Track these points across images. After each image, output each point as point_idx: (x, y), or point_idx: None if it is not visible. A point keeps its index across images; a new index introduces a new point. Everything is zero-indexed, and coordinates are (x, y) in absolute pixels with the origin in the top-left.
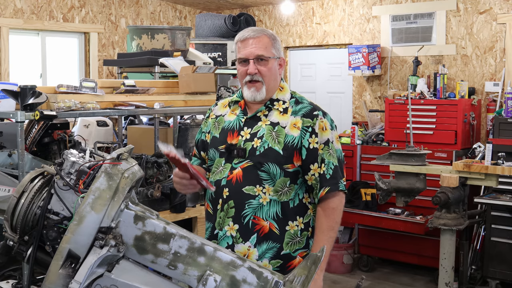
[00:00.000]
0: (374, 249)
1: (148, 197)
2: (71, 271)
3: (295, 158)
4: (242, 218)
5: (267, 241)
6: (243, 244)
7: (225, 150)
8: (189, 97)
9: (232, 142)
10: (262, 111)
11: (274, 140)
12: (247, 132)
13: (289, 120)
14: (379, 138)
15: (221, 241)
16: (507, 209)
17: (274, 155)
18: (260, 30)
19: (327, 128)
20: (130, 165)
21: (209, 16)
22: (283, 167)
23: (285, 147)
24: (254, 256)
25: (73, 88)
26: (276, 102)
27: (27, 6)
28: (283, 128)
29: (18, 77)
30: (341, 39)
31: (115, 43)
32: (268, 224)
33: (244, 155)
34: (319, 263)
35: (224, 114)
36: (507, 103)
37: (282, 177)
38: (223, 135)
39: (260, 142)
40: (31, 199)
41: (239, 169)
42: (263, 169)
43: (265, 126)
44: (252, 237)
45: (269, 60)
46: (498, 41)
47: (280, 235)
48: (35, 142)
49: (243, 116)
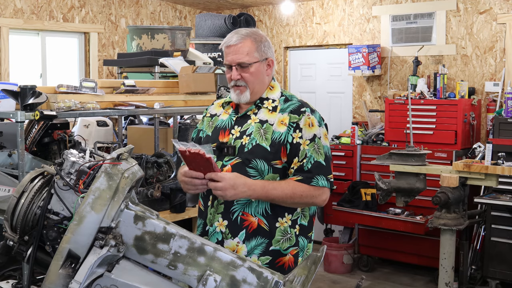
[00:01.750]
0: (374, 249)
1: (148, 197)
2: (71, 271)
3: (282, 154)
4: (231, 214)
5: (255, 237)
6: (232, 240)
7: (216, 148)
8: (189, 97)
9: (223, 140)
10: (252, 109)
11: (262, 137)
12: (237, 130)
13: (277, 117)
14: (379, 138)
15: (211, 237)
16: (507, 209)
17: (262, 151)
18: (244, 34)
19: (314, 124)
20: (130, 165)
21: (209, 16)
22: (271, 163)
23: (272, 143)
24: (243, 252)
25: (73, 88)
26: (265, 101)
27: (27, 6)
28: (271, 125)
29: (18, 77)
30: (341, 39)
31: (115, 43)
32: (257, 220)
33: (234, 152)
34: (319, 263)
35: (218, 114)
36: (507, 103)
37: (271, 173)
38: (215, 134)
39: (248, 139)
40: (31, 199)
41: (228, 166)
42: (251, 165)
43: (254, 124)
44: (241, 233)
45: (251, 65)
46: (498, 41)
47: (269, 231)
48: (35, 142)
49: (235, 115)
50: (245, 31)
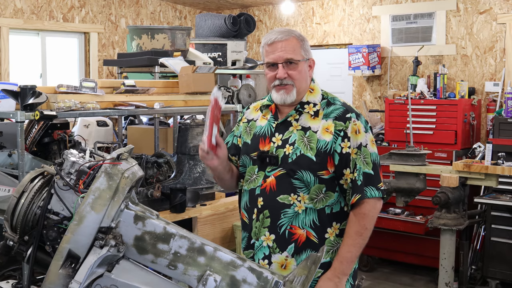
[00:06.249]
0: (374, 249)
1: (148, 197)
2: (71, 271)
3: (328, 164)
4: (278, 228)
5: (305, 250)
6: (280, 254)
7: (257, 158)
8: (189, 97)
9: (264, 149)
10: (292, 115)
11: (306, 146)
12: (278, 138)
13: (321, 123)
14: (379, 138)
15: (258, 252)
16: (507, 209)
17: (307, 162)
18: (288, 31)
19: (360, 131)
20: (130, 165)
21: (209, 16)
22: (317, 174)
23: (318, 153)
24: (292, 266)
25: (73, 88)
26: (306, 105)
27: (27, 6)
28: (314, 133)
29: (18, 77)
30: (341, 39)
31: (115, 43)
32: (305, 232)
33: (277, 162)
34: (319, 263)
35: (256, 119)
36: (507, 103)
37: (317, 184)
38: (255, 142)
39: (292, 149)
40: (31, 199)
41: (272, 177)
42: (297, 177)
43: (296, 131)
44: (290, 247)
45: (298, 63)
46: (498, 41)
47: (319, 243)
48: (35, 142)
49: (274, 121)
50: (286, 29)
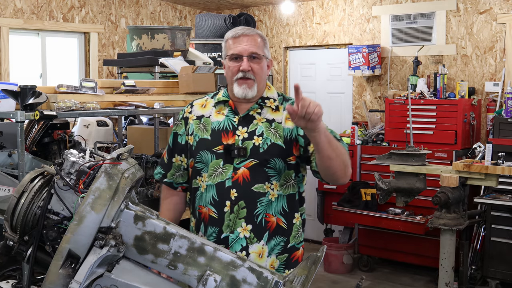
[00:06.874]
0: (374, 249)
1: (148, 197)
2: (71, 271)
3: (294, 149)
4: (255, 217)
5: (275, 236)
6: (258, 244)
7: (224, 151)
8: (189, 97)
9: (228, 142)
10: (254, 109)
11: (275, 135)
12: (243, 131)
13: (283, 115)
14: (379, 138)
15: (234, 244)
16: (507, 209)
17: (278, 150)
18: (253, 29)
19: None
20: (130, 165)
21: (209, 16)
22: (286, 161)
23: (285, 141)
24: (265, 253)
25: (73, 88)
26: (267, 100)
27: (27, 6)
28: (279, 123)
29: (18, 77)
30: (341, 39)
31: (115, 43)
32: (276, 219)
33: (245, 154)
34: (319, 263)
35: (209, 115)
36: (507, 103)
37: (286, 170)
38: (216, 136)
39: (261, 139)
40: (31, 199)
41: (243, 168)
42: (270, 165)
43: (261, 123)
44: (265, 235)
45: (262, 59)
46: (498, 41)
47: (287, 229)
48: (35, 142)
49: (234, 115)
50: (251, 27)
